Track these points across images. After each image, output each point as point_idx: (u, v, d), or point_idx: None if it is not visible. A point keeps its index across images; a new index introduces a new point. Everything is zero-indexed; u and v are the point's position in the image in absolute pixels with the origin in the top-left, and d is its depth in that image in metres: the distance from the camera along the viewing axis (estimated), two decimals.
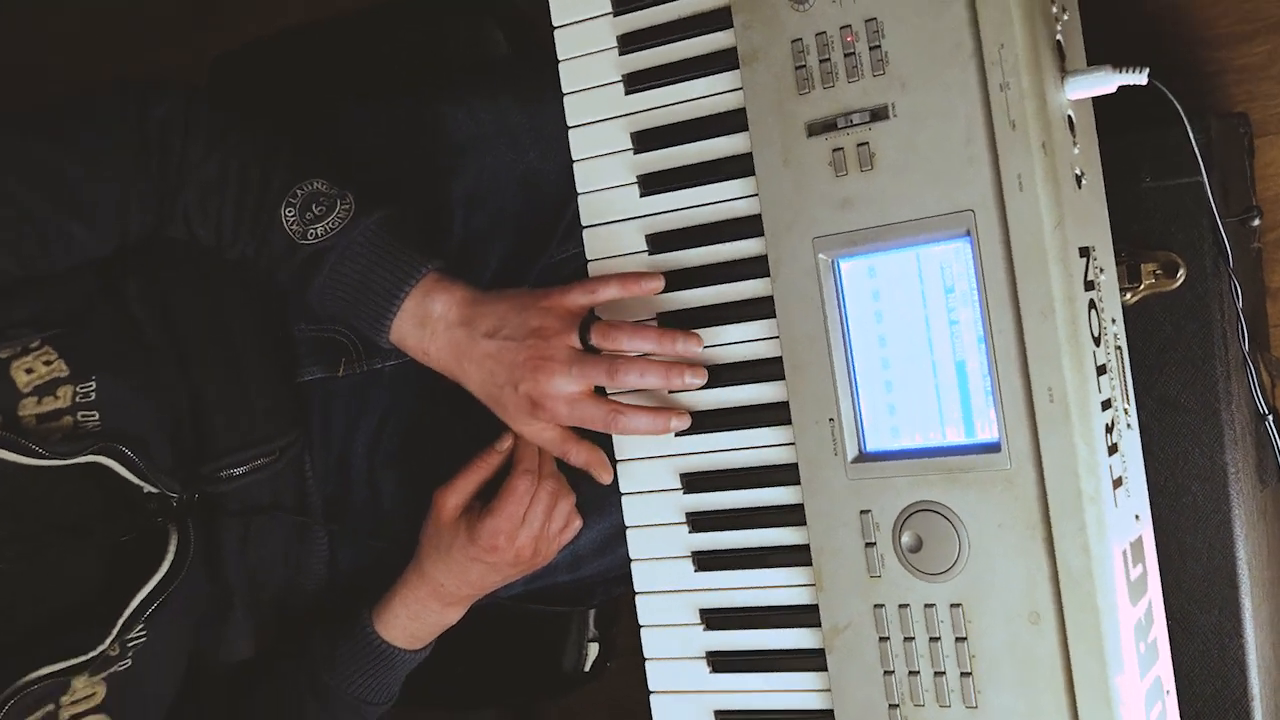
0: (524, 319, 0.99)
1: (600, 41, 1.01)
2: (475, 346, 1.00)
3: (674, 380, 0.98)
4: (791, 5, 0.92)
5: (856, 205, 0.91)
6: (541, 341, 0.98)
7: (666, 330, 0.98)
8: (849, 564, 0.93)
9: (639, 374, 0.97)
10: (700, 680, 1.02)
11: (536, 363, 0.98)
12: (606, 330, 0.98)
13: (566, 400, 0.98)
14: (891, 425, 0.92)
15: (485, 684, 1.40)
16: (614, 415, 0.98)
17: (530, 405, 0.99)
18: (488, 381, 1.00)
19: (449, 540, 1.06)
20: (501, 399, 1.00)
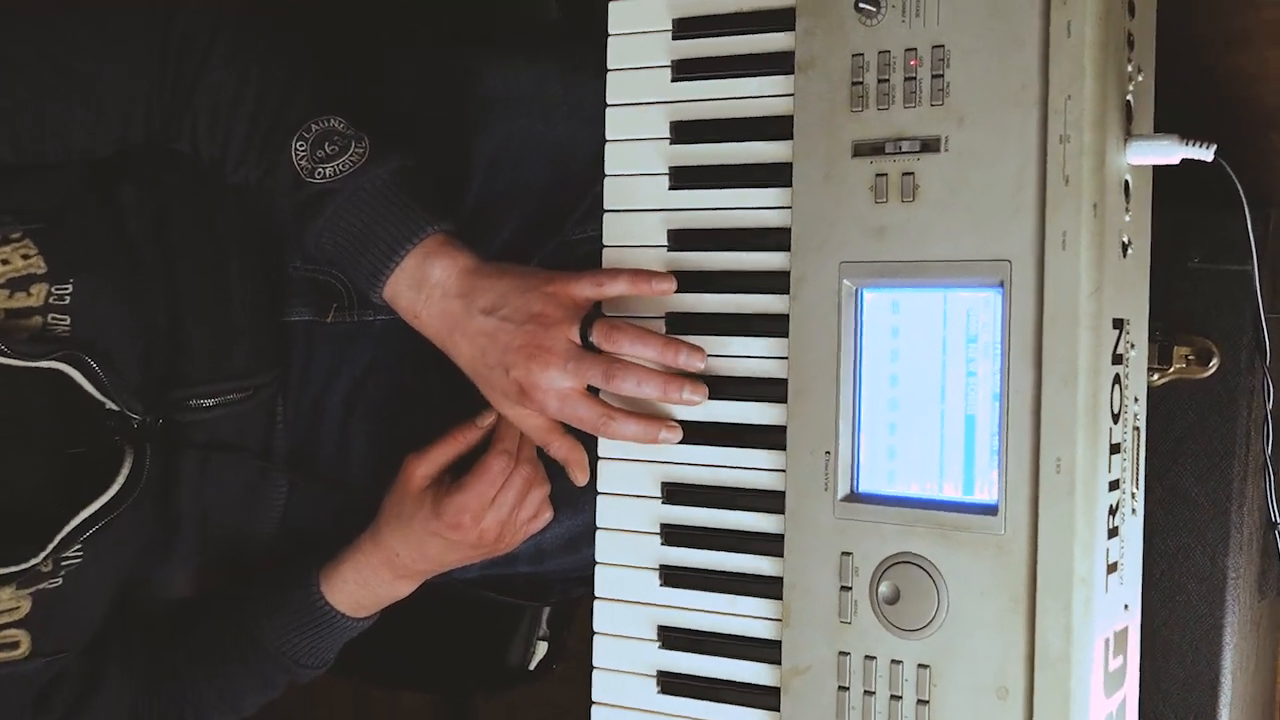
0: (525, 301, 0.98)
1: (655, 22, 1.00)
2: (470, 321, 0.99)
3: (672, 394, 0.97)
4: (859, 18, 0.92)
5: (891, 235, 0.90)
6: (540, 329, 0.97)
7: (671, 340, 0.97)
8: (820, 605, 0.92)
9: (636, 382, 0.97)
10: (646, 699, 1.01)
11: (531, 350, 0.97)
12: (609, 330, 0.97)
13: (558, 394, 0.97)
14: (889, 469, 0.92)
15: (425, 665, 1.39)
16: (605, 419, 0.97)
17: (519, 392, 0.98)
18: (478, 359, 0.99)
19: (412, 510, 1.05)
20: (490, 379, 1.00)
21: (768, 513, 0.96)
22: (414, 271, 1.00)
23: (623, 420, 0.97)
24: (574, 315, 0.98)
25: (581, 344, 0.98)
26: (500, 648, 1.35)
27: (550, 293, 0.98)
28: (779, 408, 0.95)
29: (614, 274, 0.98)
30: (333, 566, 1.11)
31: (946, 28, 0.89)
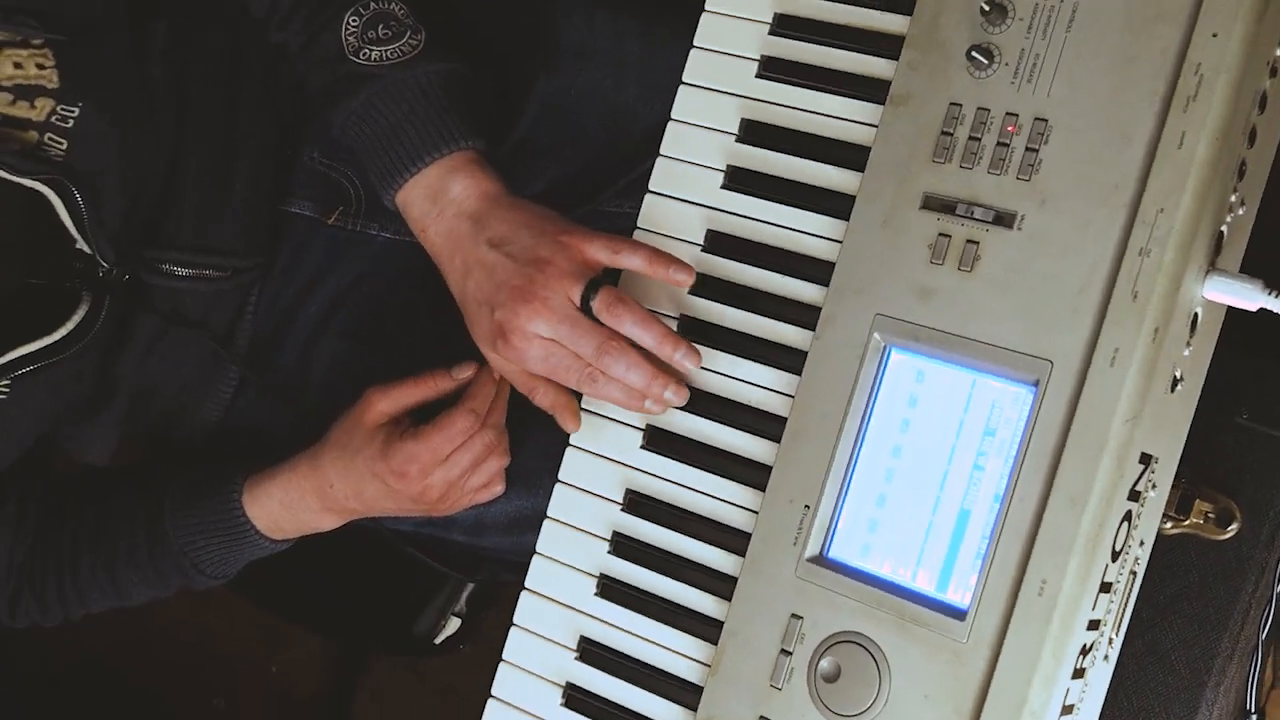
0: (535, 244, 0.97)
1: (755, 10, 0.99)
2: (474, 248, 0.98)
3: (654, 388, 0.96)
4: (969, 66, 0.91)
5: (937, 301, 0.89)
6: (539, 276, 0.96)
7: (671, 333, 0.96)
8: (755, 662, 0.91)
9: (626, 366, 0.95)
10: (547, 707, 1.00)
11: (525, 295, 0.95)
12: (614, 302, 0.96)
13: (540, 345, 0.96)
14: (865, 542, 0.91)
15: (330, 608, 1.38)
16: (591, 374, 0.96)
17: (499, 335, 0.97)
18: (469, 290, 0.98)
19: (360, 444, 1.04)
20: (477, 317, 0.98)
21: (728, 551, 0.95)
22: (434, 182, 0.99)
23: (608, 383, 0.96)
24: (580, 274, 0.96)
25: (579, 306, 0.96)
26: (412, 612, 1.34)
27: (563, 242, 0.97)
28: (770, 446, 0.95)
29: (634, 245, 0.97)
30: (260, 479, 1.10)
31: (1056, 102, 0.88)
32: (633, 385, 0.96)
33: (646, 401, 0.97)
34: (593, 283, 0.96)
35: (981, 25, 0.91)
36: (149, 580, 1.12)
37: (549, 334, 0.96)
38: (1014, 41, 0.90)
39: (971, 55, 0.90)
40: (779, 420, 0.94)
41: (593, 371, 0.96)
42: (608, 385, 0.96)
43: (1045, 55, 0.89)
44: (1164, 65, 0.85)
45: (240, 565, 1.14)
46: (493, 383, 1.05)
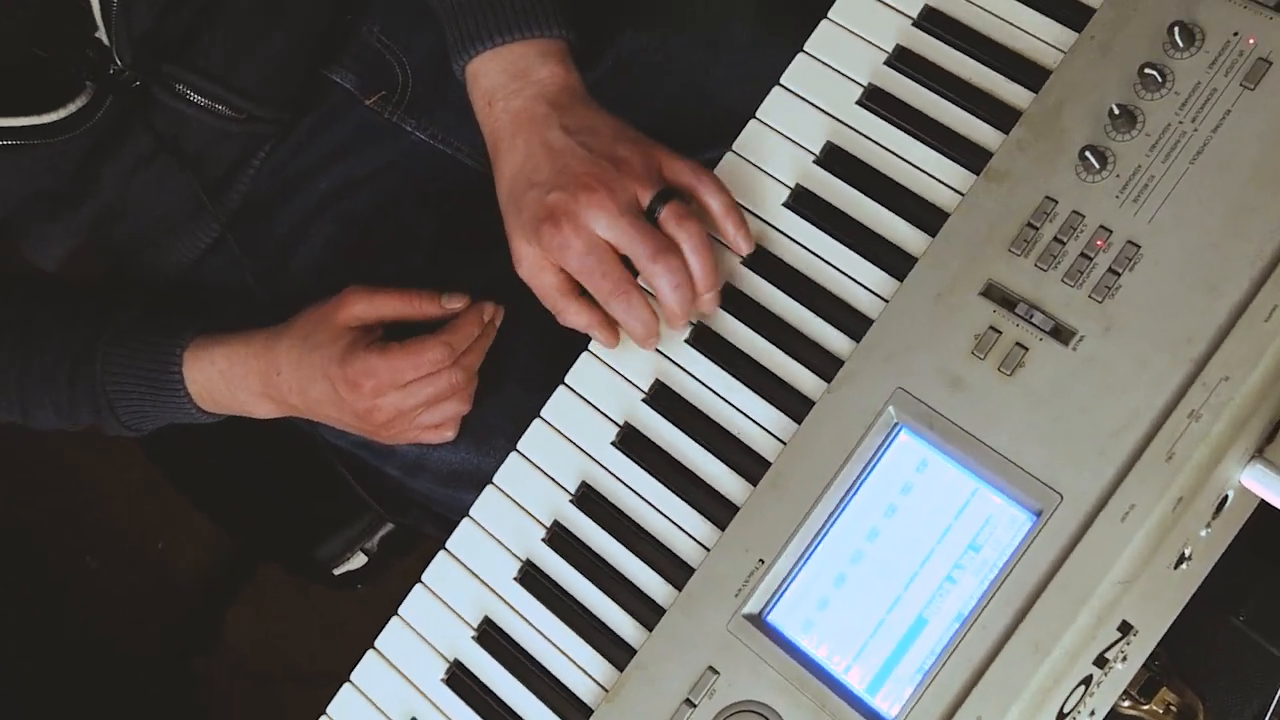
0: (614, 143, 0.97)
1: (879, 35, 0.99)
2: (546, 130, 0.98)
3: (681, 321, 0.96)
4: (1078, 166, 0.90)
5: (965, 395, 0.88)
6: (613, 169, 0.96)
7: (718, 271, 0.96)
8: (656, 702, 0.90)
9: (674, 283, 0.95)
10: (427, 678, 1.00)
11: (591, 183, 0.95)
12: (684, 217, 0.95)
13: (589, 239, 0.95)
14: (810, 617, 0.90)
15: (237, 501, 1.38)
16: (626, 290, 0.96)
17: (547, 218, 0.96)
18: (525, 172, 0.98)
19: (322, 340, 1.03)
20: (523, 200, 0.98)
21: (665, 579, 0.95)
22: (519, 60, 0.99)
23: (644, 303, 0.96)
24: (655, 180, 0.97)
25: (647, 215, 0.96)
26: (320, 533, 1.34)
27: (645, 150, 0.97)
28: (745, 486, 0.94)
29: (718, 185, 0.97)
30: (209, 341, 1.09)
31: (1155, 230, 0.87)
32: (670, 305, 0.95)
33: (652, 341, 0.97)
34: (665, 192, 0.96)
35: (1105, 127, 0.90)
36: (59, 407, 1.11)
37: (605, 231, 0.95)
38: (1133, 155, 0.89)
39: (1084, 155, 0.89)
40: (763, 463, 0.94)
41: (628, 289, 0.96)
42: (640, 308, 0.96)
43: (1160, 180, 0.88)
44: (1278, 230, 0.84)
45: (158, 424, 1.13)
46: (479, 324, 1.04)
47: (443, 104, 1.17)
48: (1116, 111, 0.89)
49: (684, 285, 0.95)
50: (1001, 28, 0.96)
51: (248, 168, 1.15)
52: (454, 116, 1.18)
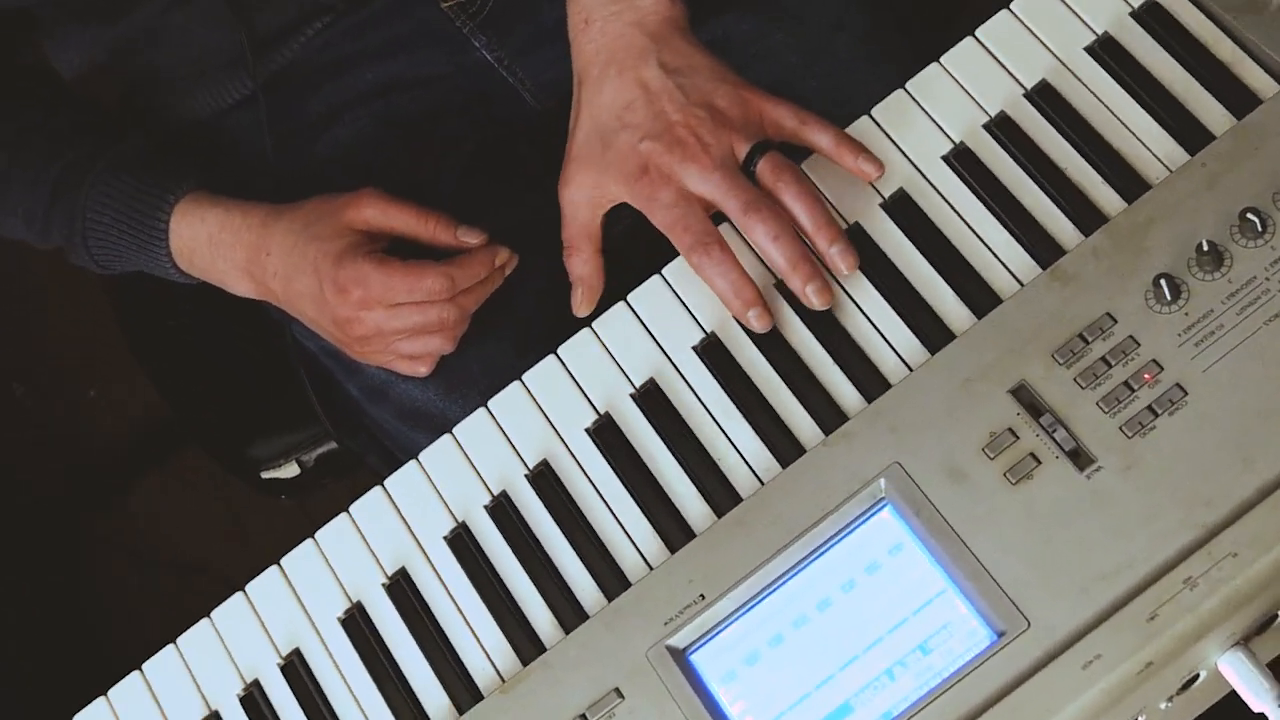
0: (713, 87, 0.97)
1: (985, 93, 0.99)
2: (643, 66, 0.98)
3: (799, 274, 0.94)
4: (1149, 291, 0.89)
5: (962, 491, 0.88)
6: (710, 121, 0.96)
7: (834, 221, 0.95)
8: (550, 706, 0.90)
9: (773, 235, 0.94)
10: (323, 612, 0.99)
11: (685, 136, 0.96)
12: (780, 168, 0.95)
13: (680, 194, 0.96)
14: (734, 669, 0.89)
15: (183, 371, 1.37)
16: (706, 244, 0.95)
17: (637, 170, 0.97)
18: (618, 111, 0.98)
19: (323, 233, 1.03)
20: (615, 141, 0.98)
21: (599, 585, 0.94)
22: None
23: (728, 259, 0.95)
24: (752, 131, 0.97)
25: (743, 169, 0.96)
26: (258, 430, 1.33)
27: (744, 96, 0.97)
28: (708, 515, 0.93)
29: (823, 122, 0.97)
30: (207, 198, 1.08)
31: (1208, 381, 0.86)
32: (774, 259, 0.95)
33: (752, 313, 0.95)
34: (762, 144, 0.96)
35: (1189, 260, 0.89)
36: (32, 218, 1.10)
37: (696, 186, 0.96)
38: (1208, 297, 0.88)
39: (1159, 282, 0.88)
40: (734, 496, 0.93)
41: (709, 243, 0.95)
42: (723, 264, 0.95)
43: (1229, 331, 0.87)
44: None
45: (127, 269, 1.12)
46: (488, 266, 1.03)
47: (520, 27, 1.17)
48: (1205, 248, 0.88)
49: (784, 236, 0.94)
50: (1113, 125, 0.96)
51: (300, 34, 1.15)
52: (527, 43, 1.17)
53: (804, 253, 0.95)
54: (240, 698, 0.98)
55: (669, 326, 0.99)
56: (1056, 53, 0.99)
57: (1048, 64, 0.98)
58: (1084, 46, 0.98)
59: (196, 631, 1.01)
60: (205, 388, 1.36)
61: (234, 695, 0.98)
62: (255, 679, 0.98)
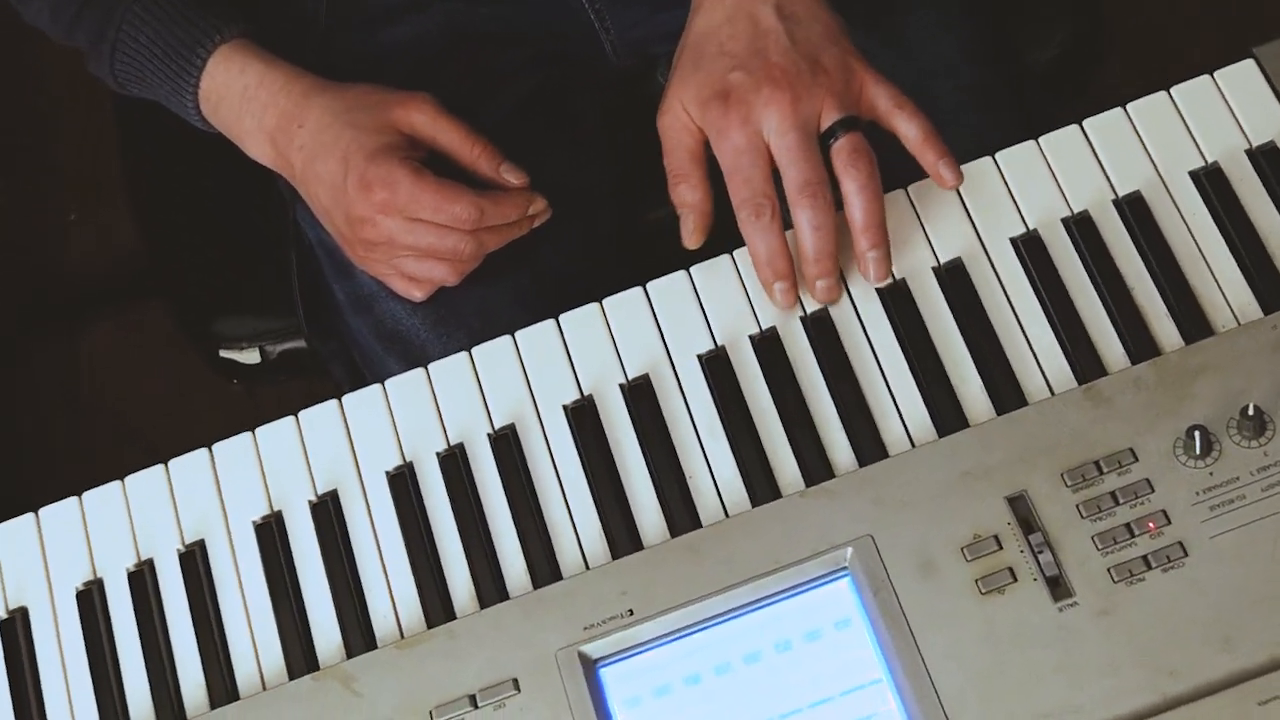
0: (823, 44, 0.98)
1: (1075, 187, 0.99)
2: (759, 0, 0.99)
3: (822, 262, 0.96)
4: (1178, 438, 0.88)
5: (926, 584, 0.87)
6: (809, 75, 0.97)
7: (882, 226, 0.96)
8: (441, 677, 0.90)
9: (818, 222, 0.96)
10: (239, 515, 0.99)
11: (779, 80, 0.97)
12: (860, 151, 0.96)
13: (750, 137, 0.97)
14: (640, 695, 0.89)
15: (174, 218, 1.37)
16: (760, 204, 0.97)
17: (718, 95, 0.98)
18: (719, 32, 0.99)
19: (363, 122, 1.02)
20: (705, 60, 0.99)
21: (529, 567, 0.94)
22: None
23: (776, 228, 0.96)
24: (847, 102, 0.97)
25: (822, 135, 0.97)
26: (229, 303, 1.33)
27: (851, 64, 0.98)
28: (661, 531, 0.94)
29: (920, 114, 0.97)
30: (254, 49, 1.07)
31: (1211, 550, 0.86)
32: (807, 246, 0.96)
33: (779, 285, 0.97)
34: (850, 120, 0.97)
35: (1230, 420, 0.89)
36: (59, 13, 1.10)
37: (770, 135, 0.96)
38: (1239, 463, 0.88)
39: (1193, 433, 0.88)
40: (695, 520, 0.93)
41: (763, 204, 0.96)
42: (769, 231, 0.96)
43: (1249, 504, 0.87)
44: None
45: (144, 95, 1.12)
46: (520, 210, 1.04)
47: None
48: (1251, 412, 0.88)
49: (825, 230, 0.96)
50: (1194, 259, 0.96)
51: None
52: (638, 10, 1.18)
53: (833, 252, 0.96)
54: (129, 572, 0.97)
55: (680, 326, 0.99)
56: (1159, 167, 0.98)
57: (1147, 176, 0.98)
58: (1189, 170, 0.98)
59: (105, 492, 1.00)
60: (190, 244, 1.36)
61: (123, 568, 0.98)
62: (150, 558, 0.98)
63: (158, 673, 0.95)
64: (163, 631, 0.96)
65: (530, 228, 1.06)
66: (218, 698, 0.93)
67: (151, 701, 0.94)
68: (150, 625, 0.96)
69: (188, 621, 0.96)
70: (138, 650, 0.96)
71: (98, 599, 0.97)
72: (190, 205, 1.36)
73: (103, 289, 2.09)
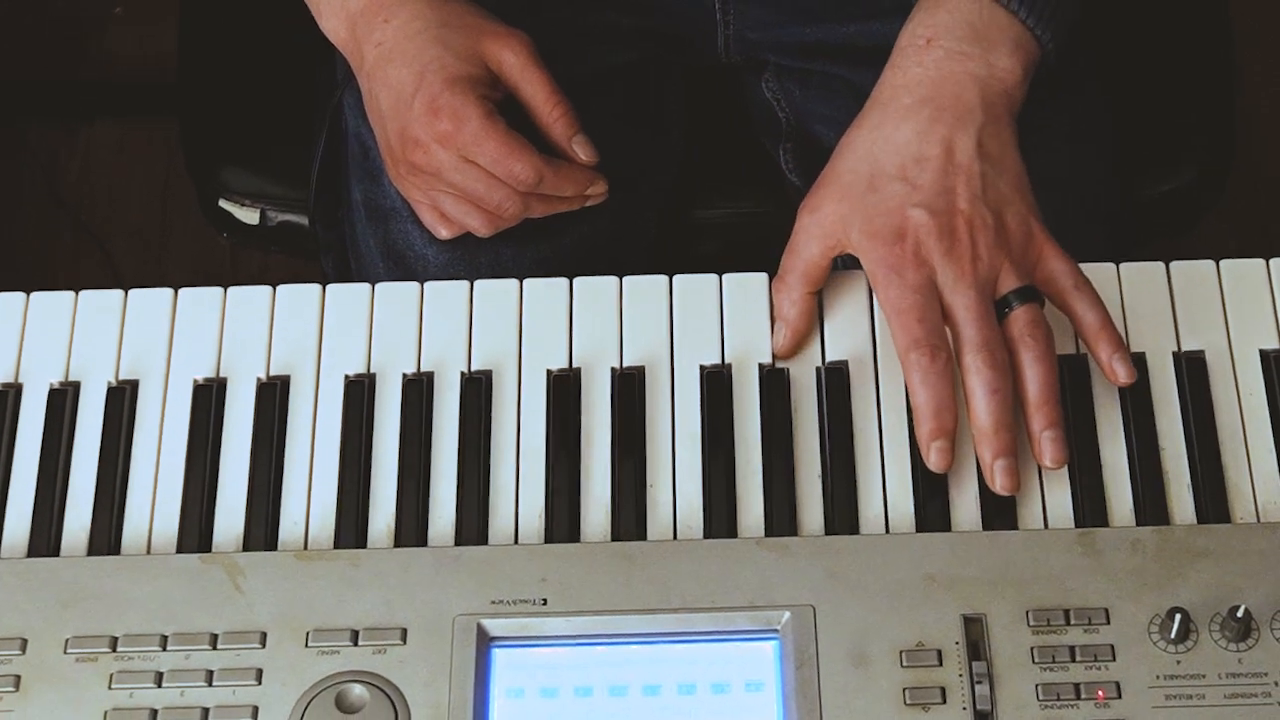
0: (1011, 199, 0.97)
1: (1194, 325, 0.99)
2: (958, 128, 0.97)
3: (1000, 439, 0.93)
4: (1158, 617, 0.88)
5: (853, 675, 0.87)
6: (992, 230, 0.95)
7: (1060, 407, 0.94)
8: (330, 601, 0.90)
9: (994, 384, 0.93)
10: (181, 367, 0.99)
11: (962, 233, 0.95)
12: (1039, 323, 0.94)
13: (925, 283, 0.94)
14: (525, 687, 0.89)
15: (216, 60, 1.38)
16: (935, 347, 0.93)
17: (893, 233, 0.95)
18: (906, 156, 0.97)
19: (454, 43, 1.03)
20: (886, 187, 0.96)
21: (457, 522, 0.94)
22: (992, 23, 1.00)
23: (947, 376, 0.93)
24: (1025, 269, 0.95)
25: (996, 302, 0.95)
26: (246, 156, 1.34)
27: (1033, 227, 0.96)
28: (606, 531, 0.94)
29: (1097, 298, 0.96)
30: None
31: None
32: (983, 415, 0.93)
33: (939, 444, 0.93)
34: (1031, 291, 0.95)
35: (1216, 615, 0.88)
36: None
37: (946, 287, 0.94)
38: (1210, 662, 0.87)
39: (1174, 614, 0.87)
40: (640, 530, 0.93)
41: (939, 347, 0.93)
42: (942, 378, 0.93)
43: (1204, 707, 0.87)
44: None
45: None
46: (579, 187, 1.05)
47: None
48: (1240, 615, 0.87)
49: (1003, 394, 0.92)
50: (1235, 440, 0.96)
51: None
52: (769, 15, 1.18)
53: (1011, 422, 0.93)
54: (51, 388, 0.97)
55: (693, 330, 0.99)
56: (1232, 334, 0.99)
57: (1216, 339, 0.98)
58: (1261, 347, 0.98)
59: (54, 298, 1.01)
60: (227, 79, 1.37)
61: (47, 381, 0.98)
62: (78, 381, 0.98)
63: (45, 501, 0.95)
64: (65, 461, 0.96)
65: (581, 205, 1.06)
66: (98, 546, 0.93)
67: (30, 528, 0.94)
68: (54, 449, 0.96)
69: (93, 459, 0.96)
70: (33, 472, 0.96)
71: (9, 404, 0.97)
72: (241, 39, 1.37)
73: (123, 94, 2.10)
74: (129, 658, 0.87)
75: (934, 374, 0.92)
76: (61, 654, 0.88)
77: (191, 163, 1.36)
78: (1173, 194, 1.31)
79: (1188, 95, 1.34)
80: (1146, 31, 1.34)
